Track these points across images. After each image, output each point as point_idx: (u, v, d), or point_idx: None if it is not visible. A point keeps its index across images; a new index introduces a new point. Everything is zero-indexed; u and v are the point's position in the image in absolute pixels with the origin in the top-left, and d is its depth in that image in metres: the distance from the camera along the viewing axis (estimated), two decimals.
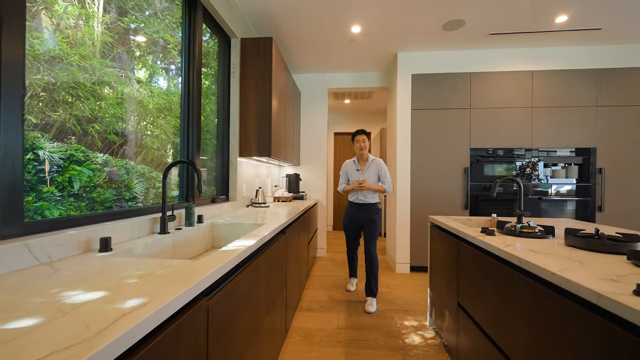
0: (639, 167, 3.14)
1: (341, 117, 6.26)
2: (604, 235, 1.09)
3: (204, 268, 0.85)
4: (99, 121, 1.51)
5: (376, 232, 2.59)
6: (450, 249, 1.76)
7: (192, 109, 1.93)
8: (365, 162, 2.66)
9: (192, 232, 1.56)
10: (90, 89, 1.47)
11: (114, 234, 1.17)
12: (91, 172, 1.40)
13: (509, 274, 1.12)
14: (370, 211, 2.60)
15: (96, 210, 1.36)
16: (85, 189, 1.36)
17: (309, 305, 2.51)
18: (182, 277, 0.78)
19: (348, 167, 2.73)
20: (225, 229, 1.80)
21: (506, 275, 1.13)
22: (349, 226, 2.70)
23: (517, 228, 1.40)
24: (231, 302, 0.98)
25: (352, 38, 3.02)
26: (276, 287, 1.66)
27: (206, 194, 2.28)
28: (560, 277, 0.83)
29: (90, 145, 1.44)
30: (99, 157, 1.48)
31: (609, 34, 2.94)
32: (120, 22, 1.70)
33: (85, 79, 1.43)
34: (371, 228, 2.58)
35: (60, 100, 1.33)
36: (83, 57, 1.42)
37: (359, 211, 2.62)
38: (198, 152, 1.98)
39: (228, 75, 2.51)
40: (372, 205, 2.62)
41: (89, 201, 1.35)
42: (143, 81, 1.92)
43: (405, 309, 2.44)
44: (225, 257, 0.97)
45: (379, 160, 2.65)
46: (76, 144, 1.36)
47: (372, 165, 2.63)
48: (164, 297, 0.64)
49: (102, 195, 1.47)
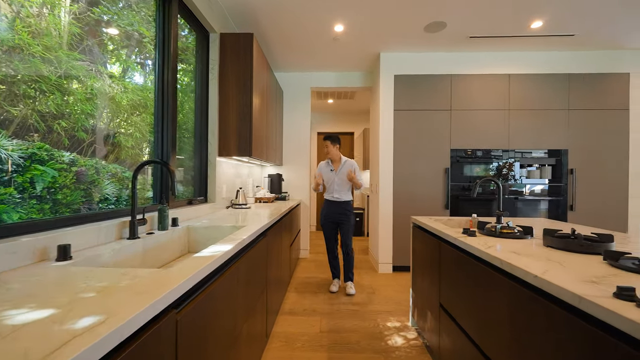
0: (607, 167, 3.30)
1: (324, 116, 6.23)
2: (581, 236, 1.11)
3: (174, 278, 0.78)
4: (66, 118, 1.40)
5: (351, 228, 2.84)
6: (432, 250, 1.76)
7: (167, 106, 1.83)
8: (338, 163, 2.89)
9: (165, 237, 1.47)
10: (56, 82, 1.35)
11: (76, 240, 1.08)
12: (56, 173, 1.28)
13: (490, 275, 1.11)
14: (344, 208, 2.83)
15: (63, 213, 1.25)
16: (49, 191, 1.24)
17: (291, 308, 2.46)
18: (148, 288, 0.71)
19: (322, 168, 2.96)
20: (203, 232, 1.72)
21: (488, 276, 1.13)
22: (325, 223, 2.89)
23: (497, 229, 1.41)
24: (205, 312, 0.92)
25: (335, 37, 2.99)
26: (256, 292, 1.60)
27: (183, 195, 2.18)
28: (543, 280, 0.83)
29: (56, 143, 1.33)
30: (66, 156, 1.37)
31: (580, 41, 3.07)
32: (90, 12, 1.59)
33: (50, 72, 1.32)
34: (346, 224, 2.82)
35: (21, 95, 1.22)
36: (47, 48, 1.31)
37: (334, 208, 2.84)
38: (173, 152, 1.88)
39: (206, 72, 2.41)
40: (347, 203, 2.85)
41: (53, 203, 1.24)
42: (116, 76, 1.81)
43: (388, 310, 2.43)
44: (198, 265, 0.90)
45: (351, 161, 2.89)
46: (39, 141, 1.25)
47: (346, 165, 2.86)
48: (124, 314, 0.58)
49: (68, 197, 1.36)
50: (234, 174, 2.93)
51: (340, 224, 2.84)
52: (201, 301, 0.89)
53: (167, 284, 0.74)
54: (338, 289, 2.88)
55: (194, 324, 0.85)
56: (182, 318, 0.77)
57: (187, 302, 0.82)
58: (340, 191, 2.83)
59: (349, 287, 2.81)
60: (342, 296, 2.73)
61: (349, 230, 2.83)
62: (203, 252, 1.07)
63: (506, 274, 1.03)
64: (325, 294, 2.79)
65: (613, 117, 3.29)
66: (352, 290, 2.79)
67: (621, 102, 3.29)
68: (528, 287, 0.91)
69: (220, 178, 2.52)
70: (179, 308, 0.78)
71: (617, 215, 3.29)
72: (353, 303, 2.57)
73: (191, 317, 0.83)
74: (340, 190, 2.83)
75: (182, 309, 0.79)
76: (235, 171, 2.97)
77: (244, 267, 1.34)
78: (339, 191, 2.83)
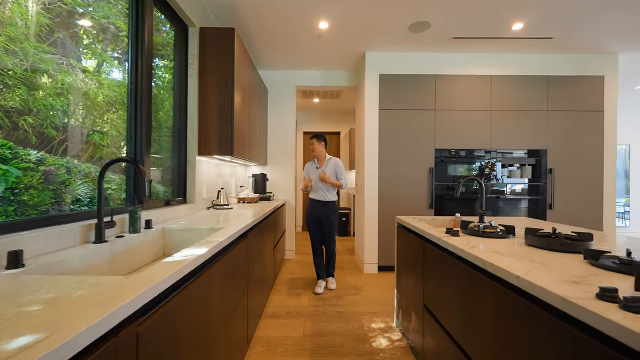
0: (583, 167, 3.40)
1: (310, 116, 6.18)
2: (562, 235, 1.11)
3: (138, 285, 0.72)
4: (33, 114, 1.30)
5: (333, 228, 2.90)
6: (416, 250, 1.75)
7: (141, 103, 1.74)
8: (324, 161, 2.94)
9: (136, 240, 1.39)
10: (22, 76, 1.25)
11: (33, 246, 0.98)
12: (20, 172, 1.18)
13: (473, 276, 1.09)
14: (328, 208, 2.88)
15: (29, 215, 1.15)
16: (13, 191, 1.14)
17: (274, 311, 2.40)
18: (104, 298, 0.64)
19: (309, 166, 3.01)
20: (178, 234, 1.64)
21: (471, 277, 1.11)
22: (310, 222, 2.92)
23: (480, 228, 1.41)
24: (174, 321, 0.85)
25: (320, 34, 2.95)
26: (236, 296, 1.53)
27: (160, 196, 2.08)
28: (525, 281, 0.81)
29: (22, 140, 1.23)
30: (32, 154, 1.26)
31: (558, 44, 3.15)
32: (61, 3, 1.48)
33: (15, 65, 1.21)
34: (328, 224, 2.87)
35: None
36: (11, 39, 1.20)
37: (318, 208, 2.88)
38: (148, 150, 1.79)
39: (185, 68, 2.31)
40: (331, 203, 2.90)
41: (18, 205, 1.14)
42: (90, 71, 1.71)
43: (373, 311, 2.41)
44: (166, 271, 0.83)
45: (336, 159, 2.95)
46: (2, 139, 1.15)
47: (330, 162, 2.92)
48: (70, 330, 0.51)
49: (35, 199, 1.25)
50: (216, 174, 2.83)
51: (324, 222, 2.87)
52: (169, 310, 0.82)
53: (128, 293, 0.67)
54: (322, 290, 2.84)
55: (161, 335, 0.78)
56: (145, 330, 0.71)
57: (152, 312, 0.76)
58: (326, 190, 2.87)
59: (329, 282, 2.92)
60: (326, 297, 2.68)
61: (332, 229, 2.89)
62: (174, 256, 1.00)
63: (489, 275, 1.01)
64: (309, 295, 2.74)
65: (589, 119, 3.40)
66: (333, 285, 2.91)
67: (596, 104, 3.40)
68: (511, 287, 0.90)
69: (201, 178, 2.43)
70: (141, 319, 0.71)
71: (593, 214, 3.40)
72: (338, 304, 2.54)
73: (157, 328, 0.76)
74: (325, 189, 2.87)
75: (145, 320, 0.72)
76: (217, 171, 2.87)
77: (221, 270, 1.27)
78: (324, 190, 2.87)
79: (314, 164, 2.97)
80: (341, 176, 2.89)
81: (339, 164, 2.91)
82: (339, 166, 2.91)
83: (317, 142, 2.91)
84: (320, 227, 2.90)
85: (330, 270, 2.97)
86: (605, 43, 3.16)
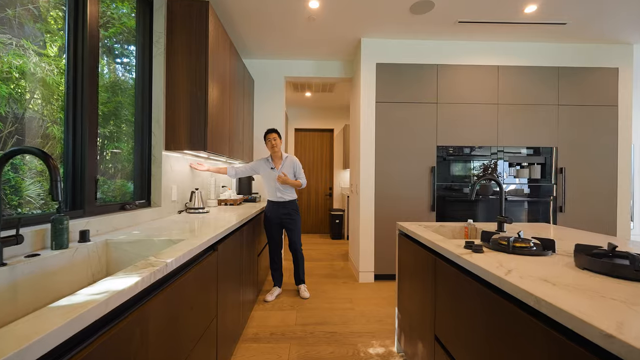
0: (595, 166, 3.14)
1: (302, 112, 5.84)
2: (638, 259, 0.80)
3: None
4: None
5: (297, 228, 2.69)
6: (424, 265, 1.43)
7: (82, 85, 1.39)
8: (280, 160, 2.68)
9: (59, 259, 1.04)
10: None
11: None
12: None
13: (515, 315, 0.78)
14: (289, 208, 2.67)
15: None
16: None
17: (256, 332, 2.06)
18: None
19: (260, 164, 2.72)
20: (127, 248, 1.29)
21: (511, 315, 0.80)
22: (269, 225, 2.70)
23: (510, 242, 1.09)
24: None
25: (310, 16, 2.62)
26: (200, 322, 1.20)
27: (116, 198, 1.73)
28: (624, 344, 0.50)
29: None
30: None
31: (571, 31, 2.87)
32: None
33: None
34: (292, 225, 2.67)
35: None
36: None
37: (279, 209, 2.65)
38: (92, 145, 1.44)
39: (150, 46, 1.96)
40: (291, 202, 2.69)
41: None
42: (50, 55, 1.38)
43: (370, 331, 2.09)
44: (35, 331, 0.50)
45: (293, 157, 2.72)
46: None
47: (287, 162, 2.68)
48: None
49: None
50: (191, 173, 2.48)
51: (286, 225, 2.67)
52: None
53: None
54: (274, 298, 2.63)
55: None
56: None
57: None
58: (284, 190, 2.64)
59: (302, 291, 2.70)
60: (316, 315, 2.36)
61: (296, 230, 2.69)
62: (74, 297, 0.66)
63: (540, 316, 0.70)
64: (298, 309, 2.41)
65: (602, 114, 3.14)
66: (306, 293, 2.67)
67: (610, 98, 3.14)
68: (580, 341, 0.58)
69: (169, 176, 2.08)
70: None
71: (606, 217, 3.14)
72: (329, 322, 2.21)
73: None
74: (283, 189, 2.64)
75: None
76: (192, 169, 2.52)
77: (172, 297, 0.94)
78: (282, 190, 2.64)
79: (267, 163, 2.68)
80: (300, 175, 2.70)
81: (296, 163, 2.70)
82: (297, 165, 2.70)
83: (279, 138, 2.66)
84: (281, 230, 2.71)
85: (301, 277, 2.75)
86: (621, 32, 2.89)
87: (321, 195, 5.84)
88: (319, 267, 3.59)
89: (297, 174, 2.69)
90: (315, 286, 2.95)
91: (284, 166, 2.65)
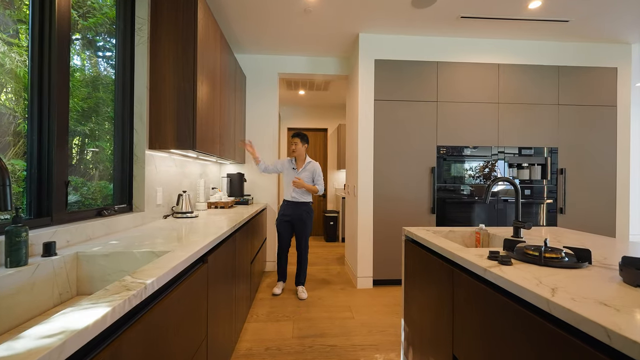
0: (594, 167, 3.10)
1: (295, 110, 5.69)
2: None
3: None
4: None
5: (306, 230, 2.77)
6: (439, 277, 1.30)
7: (50, 76, 1.21)
8: (302, 163, 2.79)
9: (13, 279, 0.86)
10: None
11: None
12: None
13: (560, 340, 0.65)
14: (302, 209, 2.74)
15: None
16: None
17: (249, 348, 1.90)
18: None
19: (285, 163, 2.84)
20: (102, 262, 1.12)
21: (555, 340, 0.67)
22: (281, 223, 2.78)
23: (541, 253, 0.97)
24: None
25: (307, 8, 2.47)
26: (188, 346, 1.03)
27: (97, 202, 1.54)
28: None
29: None
30: None
31: (572, 29, 2.82)
32: None
33: None
34: (301, 226, 2.75)
35: None
36: None
37: (292, 209, 2.75)
38: (61, 144, 1.25)
39: (131, 35, 1.78)
40: (305, 204, 2.77)
41: None
42: (22, 45, 1.20)
43: (372, 343, 1.96)
44: None
45: (315, 164, 2.80)
46: None
47: (309, 167, 2.78)
48: None
49: None
50: (178, 174, 2.30)
51: (296, 225, 2.76)
52: None
53: None
54: (281, 291, 2.80)
55: None
56: None
57: None
58: (300, 192, 2.74)
59: (300, 292, 2.73)
60: (314, 326, 2.21)
61: (304, 233, 2.77)
62: (15, 343, 0.49)
63: (600, 346, 0.57)
64: (294, 320, 2.26)
65: (601, 114, 3.10)
66: (304, 294, 2.71)
67: (609, 98, 3.11)
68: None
69: (154, 178, 1.90)
70: None
71: (606, 219, 3.11)
72: (328, 334, 2.07)
73: None
74: (299, 191, 2.74)
75: None
76: (180, 170, 2.34)
77: (147, 330, 0.78)
78: (299, 192, 2.74)
79: (291, 164, 2.82)
80: (319, 181, 2.76)
81: (317, 169, 2.78)
82: (317, 171, 2.78)
83: (300, 142, 2.76)
84: (291, 229, 2.79)
85: (300, 280, 2.82)
86: (620, 32, 2.86)
87: (315, 196, 5.68)
88: (314, 272, 3.44)
89: (316, 180, 2.76)
90: (311, 292, 2.81)
91: (304, 170, 2.75)
